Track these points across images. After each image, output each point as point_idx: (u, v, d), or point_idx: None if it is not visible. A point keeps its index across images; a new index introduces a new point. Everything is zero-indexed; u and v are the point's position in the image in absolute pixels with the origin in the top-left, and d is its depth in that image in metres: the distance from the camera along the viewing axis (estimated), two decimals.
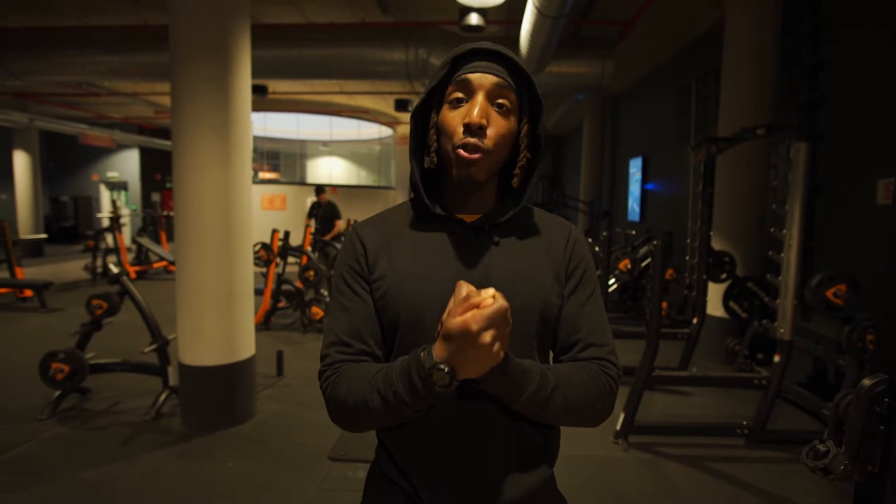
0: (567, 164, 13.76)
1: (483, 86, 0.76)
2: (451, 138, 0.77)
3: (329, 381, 0.78)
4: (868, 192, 3.33)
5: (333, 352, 0.80)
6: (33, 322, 5.56)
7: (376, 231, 0.84)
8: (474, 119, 0.74)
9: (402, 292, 0.78)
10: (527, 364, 0.72)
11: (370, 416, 0.73)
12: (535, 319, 0.80)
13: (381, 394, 0.71)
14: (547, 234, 0.85)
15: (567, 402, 0.74)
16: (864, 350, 2.74)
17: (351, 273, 0.82)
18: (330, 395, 0.77)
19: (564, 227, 0.88)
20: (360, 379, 0.75)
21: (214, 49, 2.81)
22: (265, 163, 16.23)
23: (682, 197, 6.29)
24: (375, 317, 0.81)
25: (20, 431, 2.91)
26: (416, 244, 0.81)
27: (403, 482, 0.81)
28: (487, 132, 0.76)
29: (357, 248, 0.83)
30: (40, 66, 6.36)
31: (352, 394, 0.74)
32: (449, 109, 0.78)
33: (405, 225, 0.84)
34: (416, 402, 0.68)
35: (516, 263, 0.80)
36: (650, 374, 2.98)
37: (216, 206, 2.86)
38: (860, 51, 3.51)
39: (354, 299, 0.81)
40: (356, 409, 0.74)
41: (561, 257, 0.84)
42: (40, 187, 11.73)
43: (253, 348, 3.15)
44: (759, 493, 2.44)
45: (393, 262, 0.80)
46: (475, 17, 4.92)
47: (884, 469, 0.95)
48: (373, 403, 0.72)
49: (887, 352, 1.01)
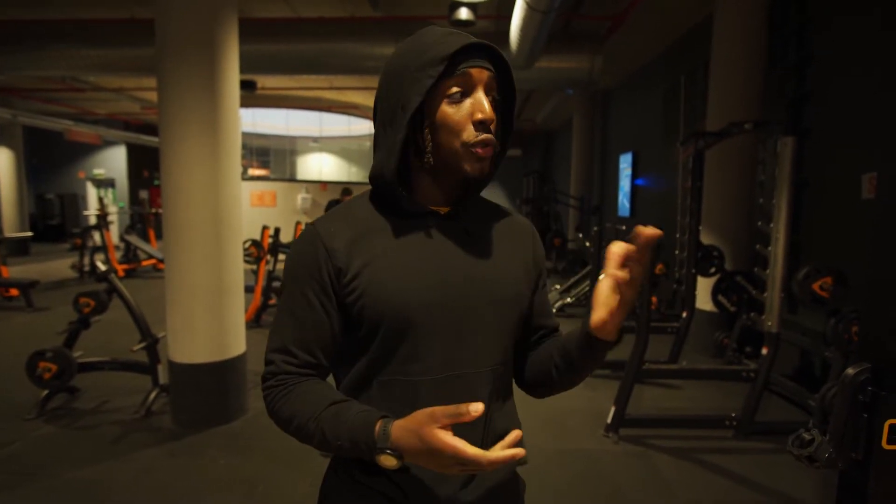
0: (557, 159, 13.79)
1: (481, 80, 0.76)
2: (458, 135, 0.75)
3: (273, 392, 0.77)
4: (853, 186, 3.37)
5: (279, 360, 0.78)
6: (20, 321, 5.48)
7: (344, 228, 0.78)
8: (488, 115, 0.74)
9: (385, 290, 0.75)
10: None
11: (311, 444, 0.75)
12: (514, 312, 0.82)
13: (326, 437, 0.71)
14: (513, 230, 0.88)
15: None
16: (850, 342, 2.78)
17: (308, 281, 0.76)
18: (273, 409, 0.77)
19: (526, 224, 0.92)
20: (306, 406, 0.74)
21: (202, 43, 2.78)
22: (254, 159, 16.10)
23: (671, 192, 6.33)
24: (329, 327, 0.77)
25: (8, 431, 2.88)
26: (392, 240, 0.78)
27: (389, 487, 0.77)
28: (492, 126, 0.76)
29: (320, 253, 0.76)
30: (22, 60, 6.23)
31: (295, 419, 0.74)
32: (448, 105, 0.75)
33: (375, 220, 0.80)
34: (355, 450, 0.69)
35: (494, 258, 0.82)
36: (640, 368, 3.00)
37: (205, 202, 2.84)
38: (846, 46, 3.55)
39: (306, 309, 0.77)
40: (298, 433, 0.75)
41: (530, 252, 0.88)
42: (25, 184, 11.54)
43: (244, 345, 3.13)
44: (748, 484, 2.48)
45: (370, 259, 0.76)
46: (465, 11, 4.90)
47: (867, 456, 0.97)
48: (316, 440, 0.73)
49: (871, 342, 1.03)
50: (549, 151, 14.97)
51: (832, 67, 3.68)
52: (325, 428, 0.71)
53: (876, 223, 1.08)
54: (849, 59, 3.52)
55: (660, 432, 2.99)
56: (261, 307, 5.38)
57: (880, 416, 0.96)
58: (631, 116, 8.27)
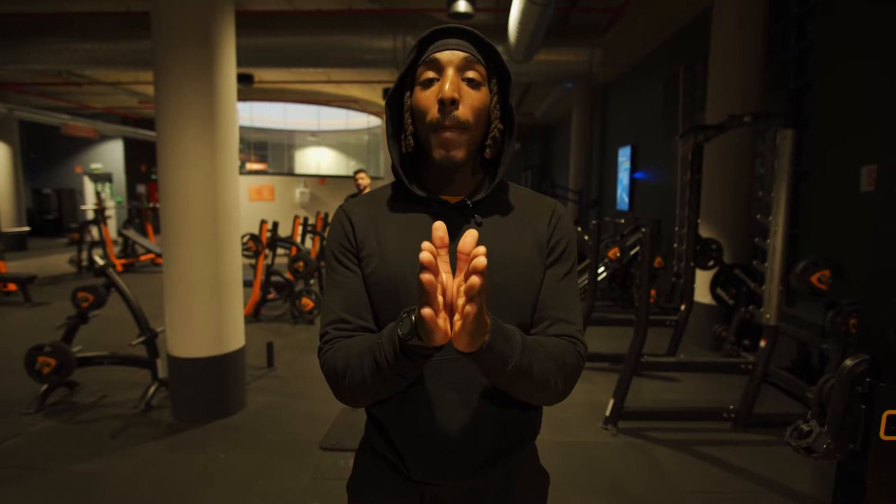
0: (556, 153, 13.77)
1: (452, 62, 0.77)
2: (425, 118, 0.78)
3: (327, 356, 0.79)
4: (852, 178, 3.37)
5: (332, 329, 0.81)
6: (18, 316, 5.47)
7: (364, 210, 0.86)
8: (447, 93, 0.75)
9: (389, 274, 0.80)
10: (509, 331, 0.70)
11: (363, 381, 0.73)
12: (524, 298, 0.81)
13: (374, 356, 0.71)
14: (530, 209, 0.86)
15: (543, 372, 0.73)
16: (848, 334, 2.79)
17: (342, 250, 0.84)
18: (328, 368, 0.78)
19: (549, 203, 0.88)
20: (355, 347, 0.76)
21: (199, 36, 2.76)
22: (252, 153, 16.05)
23: (670, 185, 6.33)
24: (366, 291, 0.82)
25: (7, 425, 2.88)
26: (402, 225, 0.83)
27: (392, 455, 0.83)
28: (461, 107, 0.76)
29: (346, 226, 0.84)
30: (17, 54, 6.19)
31: (350, 361, 0.75)
32: (421, 90, 0.79)
33: (391, 207, 0.85)
34: (396, 360, 0.68)
35: (502, 243, 0.81)
36: (639, 361, 3.01)
37: (203, 197, 2.83)
38: (846, 38, 3.54)
39: (349, 276, 0.82)
40: (350, 375, 0.75)
41: (544, 232, 0.84)
42: (21, 179, 11.50)
43: (242, 340, 3.14)
44: (746, 476, 2.49)
45: (381, 242, 0.82)
46: (463, 4, 4.87)
47: (865, 447, 0.97)
48: (366, 366, 0.73)
49: (870, 333, 1.03)
50: (548, 145, 14.94)
51: (832, 59, 3.67)
52: (373, 346, 0.72)
53: (875, 216, 1.07)
54: (848, 51, 3.51)
55: (658, 425, 3.01)
56: (259, 301, 5.38)
57: (878, 407, 0.97)
58: (630, 110, 8.24)
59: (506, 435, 0.82)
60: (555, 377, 0.75)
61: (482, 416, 0.79)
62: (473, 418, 0.79)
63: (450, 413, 0.79)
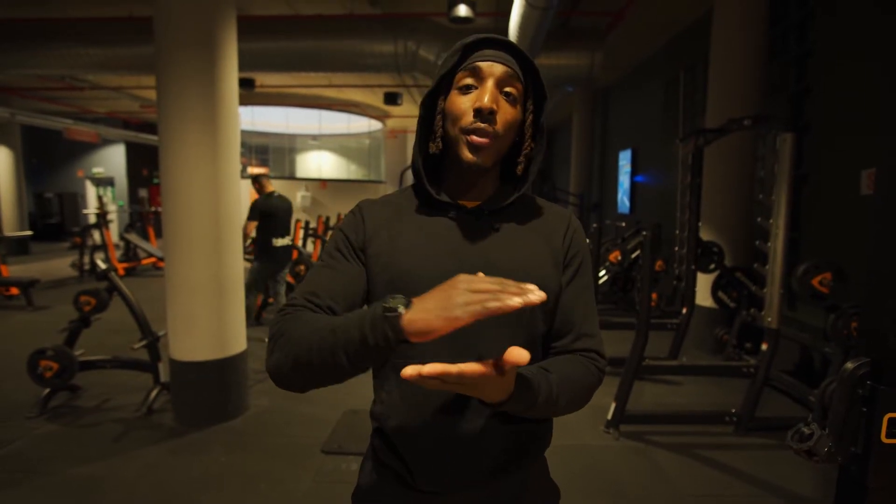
0: (557, 157, 13.78)
1: (493, 73, 0.78)
2: (458, 122, 0.79)
3: (285, 317, 0.75)
4: (852, 182, 3.37)
5: (300, 297, 0.78)
6: (20, 320, 5.48)
7: (379, 209, 0.87)
8: (486, 104, 0.76)
9: (400, 271, 0.79)
10: (530, 375, 0.71)
11: (308, 349, 0.68)
12: (538, 310, 0.80)
13: (336, 333, 0.66)
14: (546, 222, 0.87)
15: (568, 402, 0.76)
16: (849, 337, 2.79)
17: (346, 241, 0.84)
18: (279, 328, 0.73)
19: (564, 215, 0.89)
20: (322, 318, 0.71)
21: (201, 41, 2.77)
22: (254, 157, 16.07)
23: (670, 189, 6.33)
24: (356, 287, 0.81)
25: (10, 429, 2.88)
26: (418, 227, 0.83)
27: (398, 465, 0.82)
28: (497, 118, 0.77)
29: (358, 221, 0.85)
30: (21, 59, 6.22)
31: (307, 326, 0.70)
32: (458, 95, 0.80)
33: (408, 208, 0.86)
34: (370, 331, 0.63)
35: (518, 252, 0.81)
36: (640, 364, 3.01)
37: (204, 201, 2.84)
38: (846, 40, 3.55)
39: (343, 264, 0.82)
40: (299, 342, 0.69)
41: (560, 245, 0.85)
42: (24, 183, 11.52)
43: (244, 343, 3.14)
44: (748, 479, 2.48)
45: (393, 242, 0.82)
46: (464, 8, 4.88)
47: (866, 450, 0.97)
48: (323, 330, 0.68)
49: (871, 336, 1.03)
50: (549, 149, 14.96)
51: (832, 62, 3.67)
52: (336, 324, 0.67)
53: (875, 219, 1.08)
54: (848, 54, 3.51)
55: (660, 428, 3.00)
56: (261, 305, 5.38)
57: (879, 410, 0.97)
58: (630, 113, 8.26)
59: (514, 446, 0.81)
60: (577, 403, 0.79)
61: (490, 427, 0.79)
62: (481, 429, 0.78)
63: (457, 423, 0.78)
